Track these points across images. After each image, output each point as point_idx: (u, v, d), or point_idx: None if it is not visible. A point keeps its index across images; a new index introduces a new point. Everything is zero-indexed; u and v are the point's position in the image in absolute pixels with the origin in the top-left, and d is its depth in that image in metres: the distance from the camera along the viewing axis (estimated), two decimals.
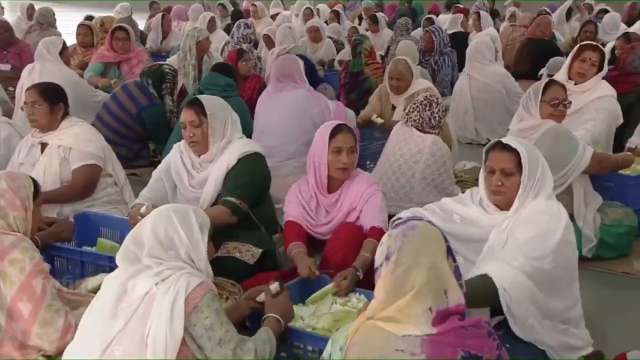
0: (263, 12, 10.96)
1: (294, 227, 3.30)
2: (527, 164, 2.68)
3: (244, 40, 7.41)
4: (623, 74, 5.48)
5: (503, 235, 2.68)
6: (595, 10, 11.62)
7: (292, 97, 4.99)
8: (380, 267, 1.98)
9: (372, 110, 5.62)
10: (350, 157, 3.25)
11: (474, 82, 6.70)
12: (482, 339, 1.95)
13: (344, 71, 7.05)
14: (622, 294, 3.66)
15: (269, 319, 2.49)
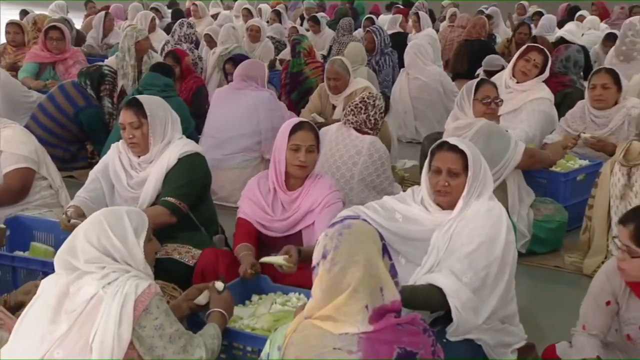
0: (204, 12, 10.86)
1: (244, 226, 3.24)
2: (472, 167, 2.71)
3: (185, 40, 7.34)
4: (550, 74, 5.67)
5: (447, 236, 2.70)
6: (529, 12, 11.95)
7: (256, 96, 5.06)
8: (317, 266, 2.00)
9: (314, 108, 5.66)
10: (308, 156, 3.19)
11: (412, 82, 6.79)
12: (417, 336, 1.99)
13: (285, 71, 7.05)
14: (553, 287, 3.77)
15: (214, 314, 2.52)
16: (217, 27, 8.10)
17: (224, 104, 5.11)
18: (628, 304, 2.48)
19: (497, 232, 2.66)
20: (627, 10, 10.79)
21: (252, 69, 5.22)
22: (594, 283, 2.58)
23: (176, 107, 4.93)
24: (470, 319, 2.58)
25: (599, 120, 4.69)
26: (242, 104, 5.02)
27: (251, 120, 4.97)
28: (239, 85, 5.15)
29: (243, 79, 5.14)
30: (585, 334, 2.56)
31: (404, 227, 2.86)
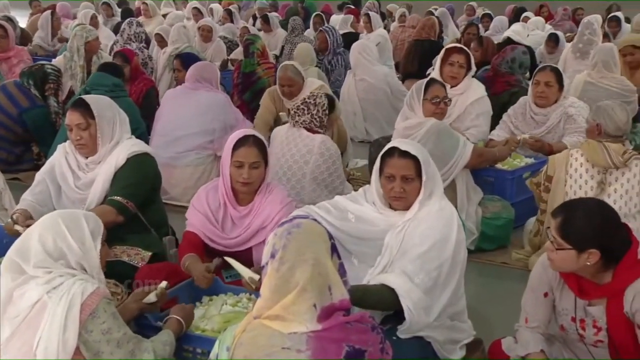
0: (155, 11, 10.73)
1: (191, 239, 3.13)
2: (425, 169, 2.73)
3: (134, 39, 7.24)
4: (497, 74, 5.82)
5: (400, 236, 2.72)
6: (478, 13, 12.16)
7: (211, 97, 5.07)
8: (266, 265, 2.00)
9: (269, 114, 5.64)
10: (252, 172, 3.05)
11: (359, 84, 6.83)
12: (366, 334, 2.00)
13: (237, 71, 7.02)
14: (501, 283, 3.85)
15: (171, 320, 2.51)
16: (168, 27, 8.03)
17: (177, 103, 5.08)
18: (561, 294, 2.55)
19: (449, 232, 2.70)
20: (570, 12, 11.11)
21: (206, 71, 5.23)
22: (532, 276, 2.64)
23: (125, 107, 4.84)
24: (422, 318, 2.61)
25: (537, 117, 4.83)
26: (196, 103, 5.00)
27: (204, 119, 4.96)
28: (193, 86, 5.14)
29: (197, 80, 5.13)
30: (529, 329, 2.61)
31: (356, 227, 2.86)
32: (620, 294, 2.39)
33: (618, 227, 2.43)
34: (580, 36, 7.16)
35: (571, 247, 2.36)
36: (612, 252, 2.38)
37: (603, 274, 2.42)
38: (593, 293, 2.45)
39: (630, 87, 5.69)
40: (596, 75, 5.70)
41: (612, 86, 5.61)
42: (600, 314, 2.46)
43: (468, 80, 5.03)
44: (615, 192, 3.56)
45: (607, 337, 2.47)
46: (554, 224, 2.41)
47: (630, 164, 3.55)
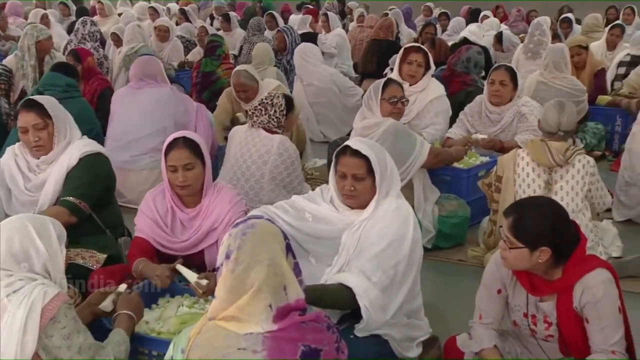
0: (110, 10, 10.58)
1: (140, 244, 3.10)
2: (378, 169, 2.72)
3: (89, 38, 7.12)
4: (453, 74, 5.90)
5: (357, 235, 2.73)
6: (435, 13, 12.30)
7: (155, 93, 4.96)
8: (221, 266, 2.00)
9: (225, 116, 5.61)
10: (187, 174, 2.99)
11: (307, 89, 6.84)
12: (321, 333, 2.01)
13: (196, 70, 6.98)
14: (457, 280, 3.90)
15: (120, 317, 2.48)
16: (124, 26, 7.92)
17: (125, 105, 5.01)
18: (514, 291, 2.60)
19: (405, 231, 2.71)
20: (524, 14, 11.32)
21: (147, 66, 5.10)
22: (486, 272, 2.68)
23: (80, 108, 4.82)
24: (379, 316, 2.63)
25: (492, 116, 4.93)
26: (142, 104, 4.92)
27: (153, 120, 4.89)
28: (137, 85, 5.06)
29: (140, 78, 5.05)
30: (482, 325, 2.65)
31: (314, 227, 2.85)
32: (570, 290, 2.44)
33: (567, 224, 2.48)
34: (530, 37, 7.30)
35: (524, 245, 2.40)
36: (562, 249, 2.43)
37: (553, 271, 2.47)
38: (544, 289, 2.50)
39: (581, 87, 5.85)
40: (548, 75, 5.85)
41: (563, 86, 5.76)
42: (550, 310, 2.51)
43: (427, 78, 5.09)
44: (561, 189, 3.65)
45: (557, 332, 2.52)
46: (506, 224, 2.45)
47: (574, 161, 3.65)
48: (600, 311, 2.39)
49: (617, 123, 6.13)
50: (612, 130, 6.15)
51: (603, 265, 2.50)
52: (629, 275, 3.72)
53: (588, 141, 5.83)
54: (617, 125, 6.11)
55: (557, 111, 3.77)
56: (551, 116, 3.77)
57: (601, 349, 2.39)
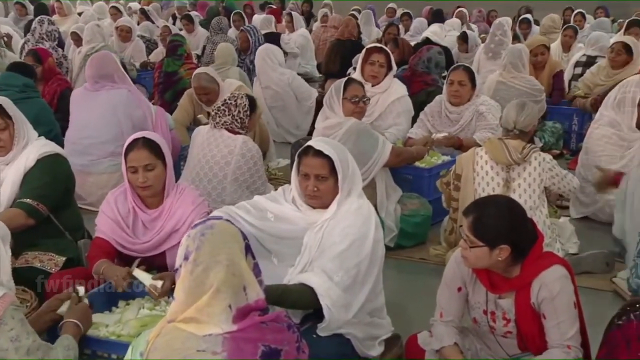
0: (70, 10, 10.42)
1: (100, 245, 3.05)
2: (340, 169, 2.73)
3: (47, 38, 7.01)
4: (414, 74, 5.96)
5: (319, 235, 2.73)
6: (398, 14, 12.39)
7: (112, 96, 4.86)
8: (179, 268, 1.98)
9: (187, 117, 5.58)
10: (148, 175, 2.97)
11: (266, 92, 6.83)
12: (282, 333, 2.01)
13: (158, 70, 6.92)
14: (419, 279, 3.93)
15: (67, 325, 2.44)
16: (84, 25, 7.83)
17: (82, 108, 4.90)
18: (474, 289, 2.63)
19: (367, 231, 2.73)
20: (484, 14, 11.49)
21: (103, 67, 4.94)
22: (447, 271, 2.71)
23: (38, 109, 4.75)
24: (341, 315, 2.64)
25: (452, 115, 5.00)
26: (100, 107, 4.82)
27: (111, 124, 4.81)
28: (93, 87, 4.94)
29: (96, 80, 4.92)
30: (443, 323, 2.68)
31: (276, 227, 2.85)
32: (528, 287, 2.49)
33: (525, 222, 2.52)
34: (491, 37, 7.42)
35: (484, 244, 2.44)
36: (521, 247, 2.46)
37: (512, 268, 2.51)
38: (503, 287, 2.54)
39: (539, 87, 5.96)
40: (507, 75, 5.95)
41: (522, 86, 5.87)
42: (509, 306, 2.55)
43: (389, 79, 5.14)
44: (519, 186, 3.72)
45: (515, 328, 2.56)
46: (466, 223, 2.49)
47: (530, 159, 3.72)
48: (557, 307, 2.44)
49: (574, 122, 6.27)
50: (570, 130, 6.29)
51: (559, 262, 2.54)
52: (585, 271, 3.81)
53: (546, 140, 5.94)
54: (574, 124, 6.25)
55: (516, 110, 3.85)
56: (510, 114, 3.86)
57: (557, 344, 2.44)
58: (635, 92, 4.38)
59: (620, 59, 6.00)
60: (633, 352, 2.18)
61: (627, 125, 4.44)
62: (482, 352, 2.74)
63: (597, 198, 4.58)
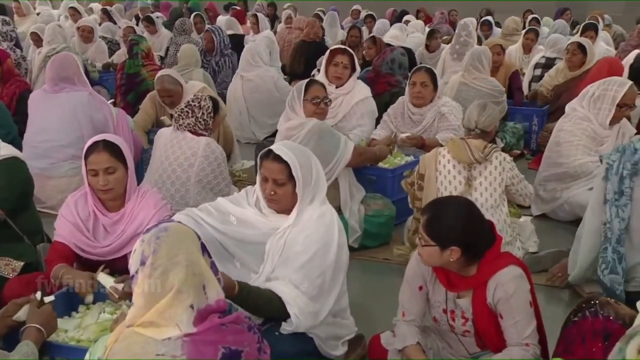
0: (29, 10, 10.25)
1: (59, 249, 3.01)
2: (299, 175, 2.70)
3: (3, 39, 6.87)
4: (378, 75, 6.00)
5: (281, 242, 2.71)
6: (362, 16, 12.45)
7: (72, 99, 4.77)
8: (136, 273, 1.96)
9: (148, 119, 5.53)
10: (109, 178, 2.94)
11: (246, 83, 6.84)
12: (242, 334, 2.00)
13: (120, 72, 6.84)
14: (383, 279, 3.94)
15: (28, 330, 2.38)
16: (44, 26, 7.70)
17: (41, 110, 4.82)
18: (434, 288, 2.66)
19: (330, 238, 2.71)
20: (446, 16, 11.62)
21: (64, 68, 4.85)
22: (408, 270, 2.73)
23: None
24: (309, 323, 2.66)
25: (415, 117, 5.05)
26: (60, 110, 4.74)
27: (72, 127, 4.73)
28: (53, 89, 4.84)
29: (56, 82, 4.83)
30: (405, 322, 2.70)
31: (239, 230, 2.83)
32: (483, 286, 2.52)
33: (481, 225, 2.55)
34: (457, 38, 7.52)
35: (435, 244, 2.47)
36: (474, 249, 2.49)
37: (469, 268, 2.54)
38: (460, 285, 2.57)
39: (500, 88, 6.06)
40: (469, 76, 6.03)
41: (483, 87, 5.95)
42: (467, 305, 2.58)
43: (353, 80, 5.17)
44: (480, 185, 3.77)
45: (473, 327, 2.59)
46: (422, 221, 2.52)
47: (491, 158, 3.78)
48: (513, 306, 2.47)
49: (534, 123, 6.37)
50: (530, 130, 6.39)
51: (515, 262, 2.57)
52: (544, 269, 3.86)
53: (508, 140, 6.03)
54: (534, 124, 6.36)
55: (478, 111, 3.93)
56: (472, 114, 3.93)
57: (515, 342, 2.47)
58: (617, 91, 4.44)
59: (576, 59, 6.16)
60: (588, 347, 2.23)
61: (599, 122, 4.51)
62: (444, 351, 2.77)
63: (556, 195, 4.66)
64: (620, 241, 3.30)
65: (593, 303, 2.29)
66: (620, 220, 3.31)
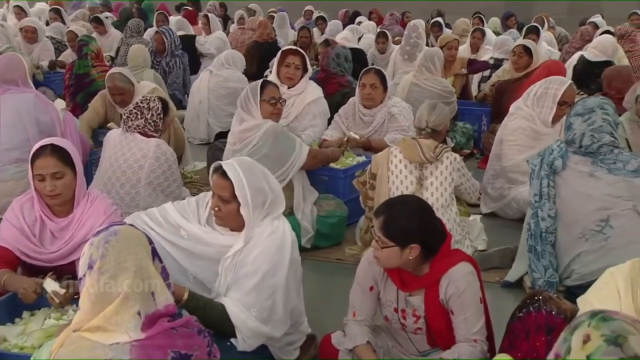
0: None
1: (1, 255, 2.92)
2: (247, 196, 2.60)
3: None
4: (328, 75, 6.04)
5: (233, 262, 2.66)
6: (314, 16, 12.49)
7: (18, 100, 4.60)
8: (83, 277, 1.94)
9: (97, 118, 5.45)
10: (56, 183, 2.88)
11: (213, 77, 6.80)
12: (192, 338, 1.99)
13: (68, 72, 6.71)
14: (335, 279, 3.95)
15: None
16: None
17: None
18: (385, 287, 2.68)
19: (281, 257, 2.65)
20: (397, 17, 11.73)
21: (7, 70, 4.67)
22: (359, 270, 2.75)
23: None
24: (258, 343, 2.64)
25: (365, 118, 5.10)
26: (4, 112, 4.56)
27: (16, 130, 4.55)
28: None
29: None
30: (356, 322, 2.71)
31: (190, 245, 2.75)
32: (436, 284, 2.55)
33: (434, 221, 2.59)
34: (407, 39, 7.61)
35: (394, 244, 2.48)
36: (430, 245, 2.53)
37: (422, 267, 2.57)
38: (413, 285, 2.60)
39: (450, 89, 6.16)
40: (420, 77, 6.11)
41: (434, 87, 6.04)
42: (419, 303, 2.61)
43: (305, 81, 5.19)
44: (431, 184, 3.83)
45: (425, 325, 2.63)
46: (377, 224, 2.53)
47: (442, 158, 3.85)
48: (464, 302, 2.51)
49: (483, 123, 6.51)
50: (479, 130, 6.52)
51: (466, 259, 2.62)
52: (492, 266, 3.94)
53: (458, 140, 6.14)
54: (483, 124, 6.49)
55: (428, 110, 4.00)
56: (423, 114, 4.00)
57: (465, 338, 2.52)
58: (557, 89, 4.57)
59: (522, 61, 6.31)
60: (532, 342, 2.29)
61: (541, 120, 4.62)
62: (394, 349, 2.80)
63: (504, 193, 4.76)
64: (545, 240, 3.48)
65: (537, 299, 2.35)
66: (540, 220, 3.49)
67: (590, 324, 1.46)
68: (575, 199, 3.46)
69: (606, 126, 3.44)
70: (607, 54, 6.71)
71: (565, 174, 3.50)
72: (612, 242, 3.38)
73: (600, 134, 3.43)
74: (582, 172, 3.47)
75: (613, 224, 3.39)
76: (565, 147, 3.54)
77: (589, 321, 1.46)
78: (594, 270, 3.24)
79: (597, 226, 3.41)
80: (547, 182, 3.49)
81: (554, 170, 3.50)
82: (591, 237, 3.42)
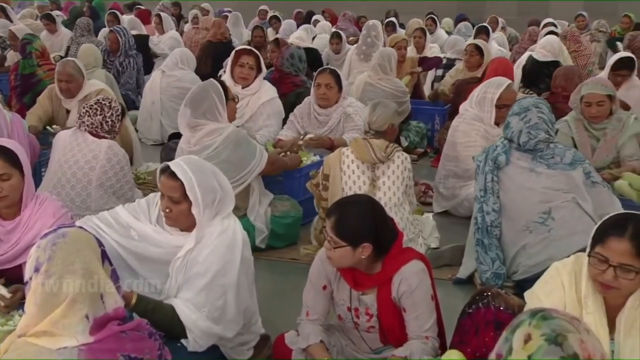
0: None
1: None
2: (198, 196, 2.59)
3: None
4: (282, 75, 6.04)
5: (184, 263, 2.64)
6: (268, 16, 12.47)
7: None
8: (30, 280, 1.90)
9: (43, 113, 5.35)
10: (2, 185, 2.82)
11: (166, 78, 6.73)
12: (143, 341, 1.98)
13: (14, 72, 6.55)
14: (290, 279, 3.94)
15: None
16: None
17: None
18: (338, 286, 2.69)
19: (232, 256, 2.64)
20: (350, 16, 11.79)
21: None
22: (312, 270, 2.76)
23: None
24: (209, 343, 2.63)
25: (320, 117, 5.13)
26: None
27: None
28: None
29: None
30: (310, 321, 2.72)
31: (140, 246, 2.73)
32: (389, 282, 2.57)
33: (386, 220, 2.61)
34: (364, 39, 7.64)
35: (346, 244, 2.49)
36: (382, 244, 2.55)
37: (374, 265, 2.59)
38: (366, 283, 2.61)
39: (403, 89, 6.23)
40: (375, 76, 6.15)
41: (388, 87, 6.09)
42: (372, 302, 2.63)
43: (259, 81, 5.19)
44: (384, 184, 3.87)
45: (377, 323, 2.65)
46: (329, 224, 2.53)
47: (394, 157, 3.89)
48: (416, 299, 2.54)
49: (436, 122, 6.59)
50: (433, 129, 6.60)
51: (418, 256, 2.65)
52: (445, 264, 4.00)
53: (412, 139, 6.20)
54: (437, 123, 6.58)
55: (369, 112, 4.04)
56: (365, 116, 4.05)
57: (416, 336, 2.54)
58: (494, 93, 4.66)
59: (474, 60, 6.44)
60: (481, 337, 2.33)
61: (485, 122, 4.71)
62: (348, 348, 2.81)
63: (456, 192, 4.83)
64: (490, 233, 3.60)
65: (485, 295, 2.40)
66: (485, 214, 3.61)
67: (531, 323, 1.48)
68: (519, 193, 3.59)
69: (541, 124, 3.61)
70: (555, 53, 6.87)
71: (509, 169, 3.65)
72: (554, 233, 3.50)
73: (537, 130, 3.59)
74: (523, 168, 3.63)
75: (555, 216, 3.52)
76: (509, 144, 3.67)
77: (530, 320, 1.49)
78: (539, 262, 3.38)
79: (540, 218, 3.53)
80: (491, 177, 3.63)
81: (498, 165, 3.64)
82: (535, 229, 3.54)
